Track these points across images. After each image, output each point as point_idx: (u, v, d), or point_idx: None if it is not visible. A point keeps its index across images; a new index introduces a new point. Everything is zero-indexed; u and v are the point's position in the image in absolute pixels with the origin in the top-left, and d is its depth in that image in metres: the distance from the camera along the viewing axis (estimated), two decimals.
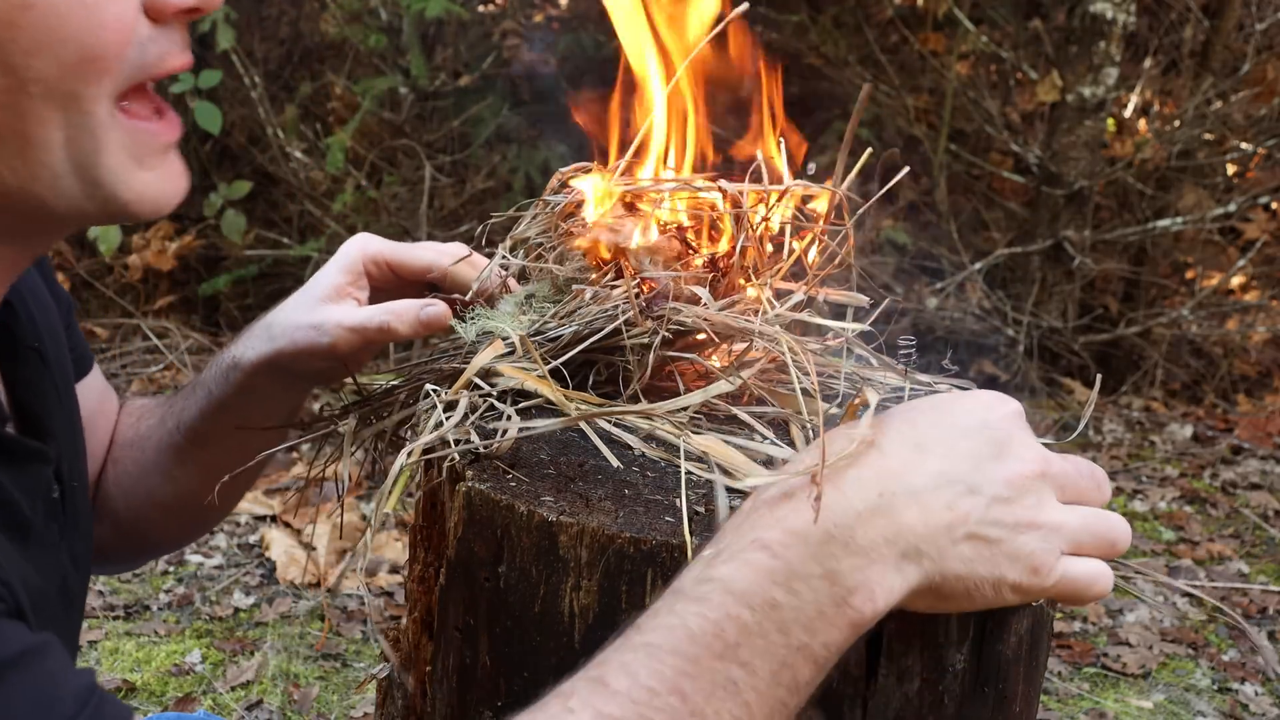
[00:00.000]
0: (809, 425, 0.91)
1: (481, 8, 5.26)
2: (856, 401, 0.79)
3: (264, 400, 1.11)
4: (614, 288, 1.02)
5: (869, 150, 1.06)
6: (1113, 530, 0.75)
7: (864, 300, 1.02)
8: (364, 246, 1.09)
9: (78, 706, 0.61)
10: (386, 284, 1.10)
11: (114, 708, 0.63)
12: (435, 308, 1.04)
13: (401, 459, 0.88)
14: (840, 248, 1.05)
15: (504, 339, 1.00)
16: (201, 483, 1.13)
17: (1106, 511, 0.76)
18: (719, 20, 1.07)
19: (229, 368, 1.10)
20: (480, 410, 0.97)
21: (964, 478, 0.71)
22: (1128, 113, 5.37)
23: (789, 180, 1.05)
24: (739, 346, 1.00)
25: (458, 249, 1.10)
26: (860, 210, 1.04)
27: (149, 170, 0.80)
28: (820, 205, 1.05)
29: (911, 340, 0.99)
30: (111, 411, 1.22)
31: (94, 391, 1.16)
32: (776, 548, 0.69)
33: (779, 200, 1.03)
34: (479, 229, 1.17)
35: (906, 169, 1.11)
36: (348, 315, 1.05)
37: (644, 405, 0.95)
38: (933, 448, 0.72)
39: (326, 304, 1.06)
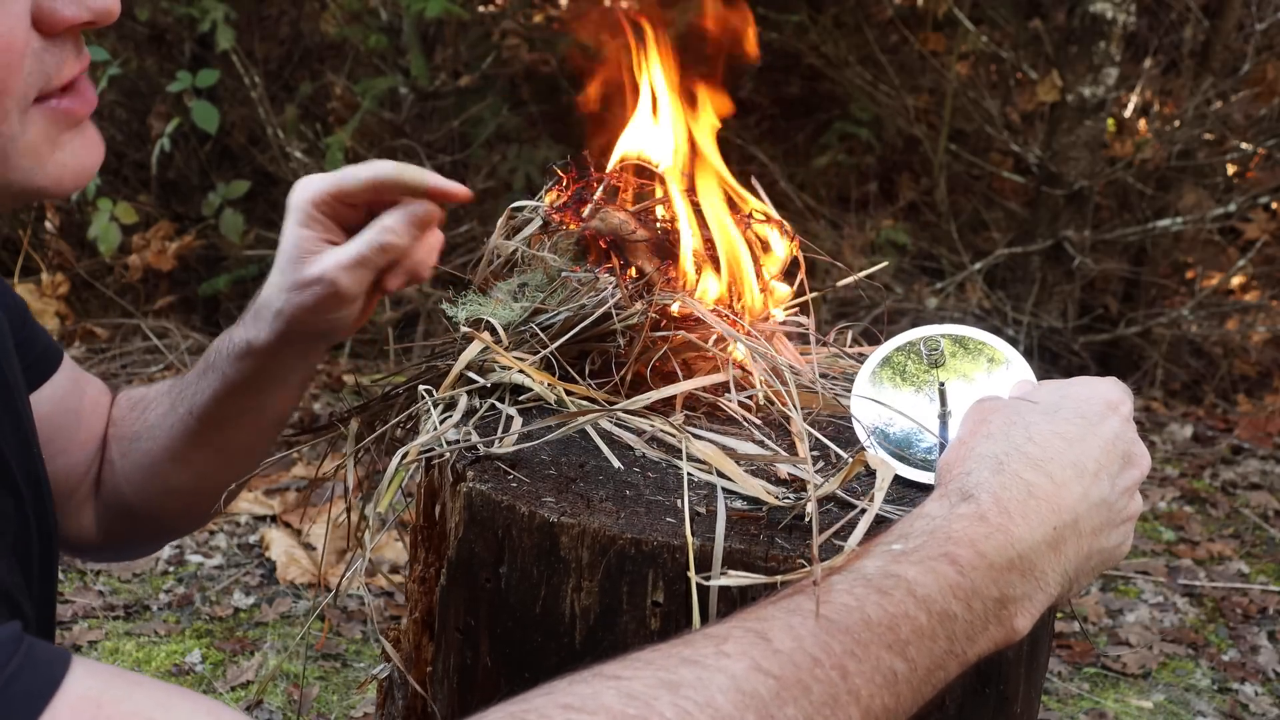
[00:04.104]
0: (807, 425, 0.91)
1: (481, 8, 5.26)
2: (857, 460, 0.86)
3: (284, 374, 1.12)
4: (605, 273, 1.03)
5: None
6: None
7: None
8: (305, 195, 1.06)
9: (6, 655, 0.61)
10: (342, 218, 1.07)
11: (45, 650, 0.62)
12: (420, 205, 1.02)
13: (395, 462, 0.88)
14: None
15: (489, 330, 1.00)
16: (217, 463, 1.16)
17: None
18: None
19: (242, 353, 1.10)
20: (480, 411, 0.97)
21: (1106, 496, 0.82)
22: (1128, 113, 5.37)
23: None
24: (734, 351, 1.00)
25: (386, 163, 1.05)
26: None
27: (61, 149, 0.79)
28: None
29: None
30: (99, 402, 1.21)
31: (69, 384, 1.16)
32: (966, 566, 0.75)
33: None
34: (479, 228, 1.20)
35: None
36: (340, 255, 1.03)
37: (637, 398, 0.95)
38: (1088, 465, 0.82)
39: (308, 260, 1.04)
